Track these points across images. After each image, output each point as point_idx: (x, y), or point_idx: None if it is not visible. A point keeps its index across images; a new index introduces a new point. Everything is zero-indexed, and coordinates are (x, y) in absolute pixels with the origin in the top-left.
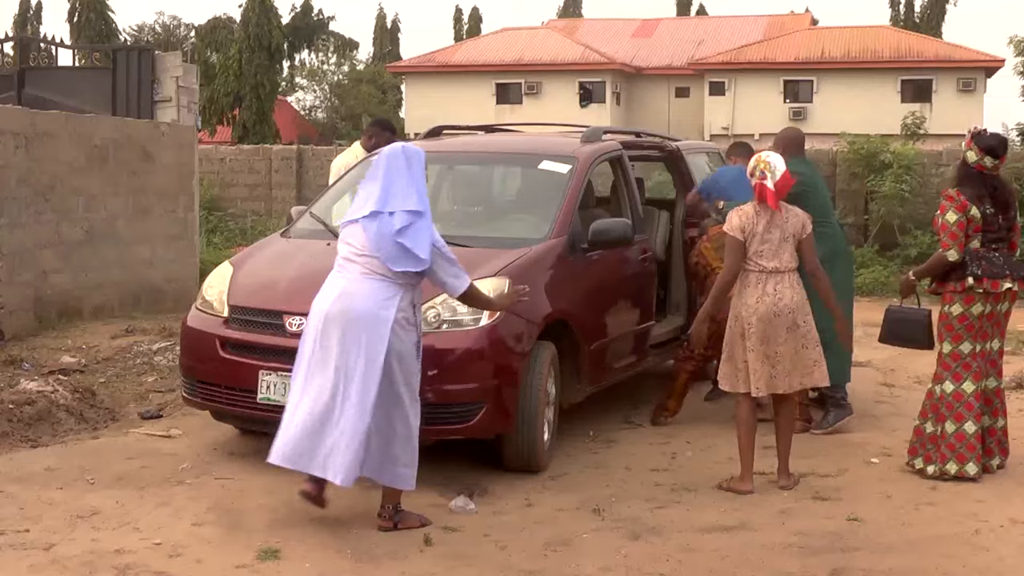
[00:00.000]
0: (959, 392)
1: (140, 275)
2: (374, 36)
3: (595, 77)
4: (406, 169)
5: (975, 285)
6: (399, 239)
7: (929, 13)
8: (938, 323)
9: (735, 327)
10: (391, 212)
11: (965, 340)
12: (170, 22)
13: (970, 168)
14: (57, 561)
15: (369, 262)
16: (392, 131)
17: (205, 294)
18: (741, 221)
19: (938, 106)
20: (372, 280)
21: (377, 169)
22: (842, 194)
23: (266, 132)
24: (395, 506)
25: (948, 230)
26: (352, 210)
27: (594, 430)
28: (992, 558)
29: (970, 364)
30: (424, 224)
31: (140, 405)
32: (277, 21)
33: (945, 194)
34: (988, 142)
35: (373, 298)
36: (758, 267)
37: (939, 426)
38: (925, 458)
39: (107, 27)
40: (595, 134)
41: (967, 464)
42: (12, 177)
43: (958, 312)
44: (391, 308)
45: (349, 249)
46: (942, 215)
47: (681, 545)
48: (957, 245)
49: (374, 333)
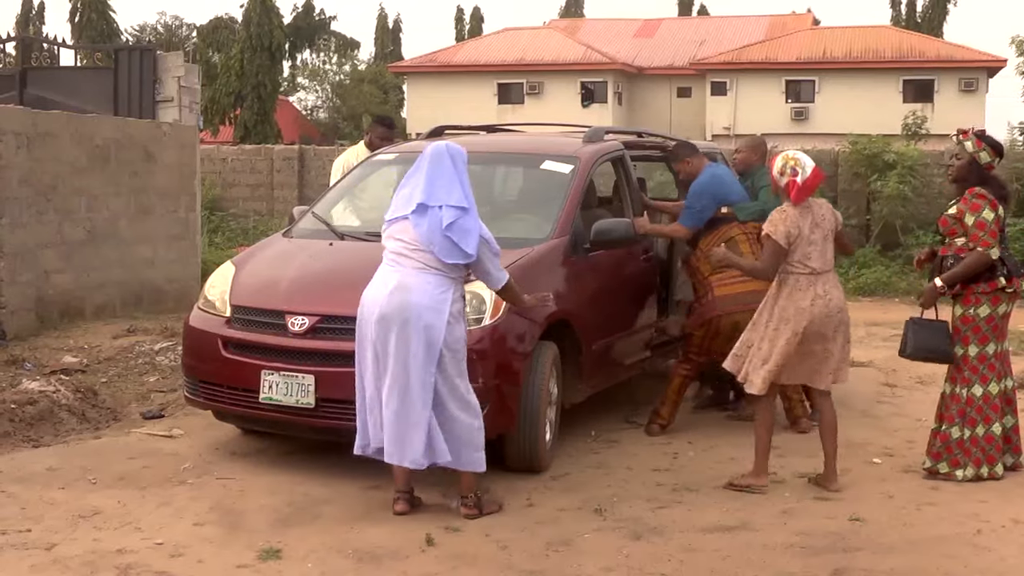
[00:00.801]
0: (987, 394)
1: (142, 275)
2: (375, 36)
3: (597, 77)
4: (451, 165)
5: (1006, 286)
6: (447, 233)
7: (930, 13)
8: (961, 327)
9: (782, 330)
10: (439, 206)
11: (991, 341)
12: (172, 22)
13: (983, 169)
14: (59, 561)
15: (423, 256)
16: (387, 126)
17: (207, 294)
18: (787, 227)
19: (940, 106)
20: (427, 274)
21: (420, 165)
22: (844, 194)
23: (268, 132)
24: (477, 493)
25: (987, 228)
26: (396, 207)
27: (596, 430)
28: (994, 558)
29: (995, 365)
30: (469, 219)
31: (142, 405)
32: (279, 21)
33: (976, 193)
34: (995, 142)
35: (429, 291)
36: (808, 269)
37: (967, 430)
38: (952, 462)
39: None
40: (597, 134)
41: (996, 465)
42: (14, 177)
43: (986, 313)
44: (447, 301)
45: (401, 245)
46: (976, 214)
47: (683, 545)
48: (997, 244)
49: (432, 325)
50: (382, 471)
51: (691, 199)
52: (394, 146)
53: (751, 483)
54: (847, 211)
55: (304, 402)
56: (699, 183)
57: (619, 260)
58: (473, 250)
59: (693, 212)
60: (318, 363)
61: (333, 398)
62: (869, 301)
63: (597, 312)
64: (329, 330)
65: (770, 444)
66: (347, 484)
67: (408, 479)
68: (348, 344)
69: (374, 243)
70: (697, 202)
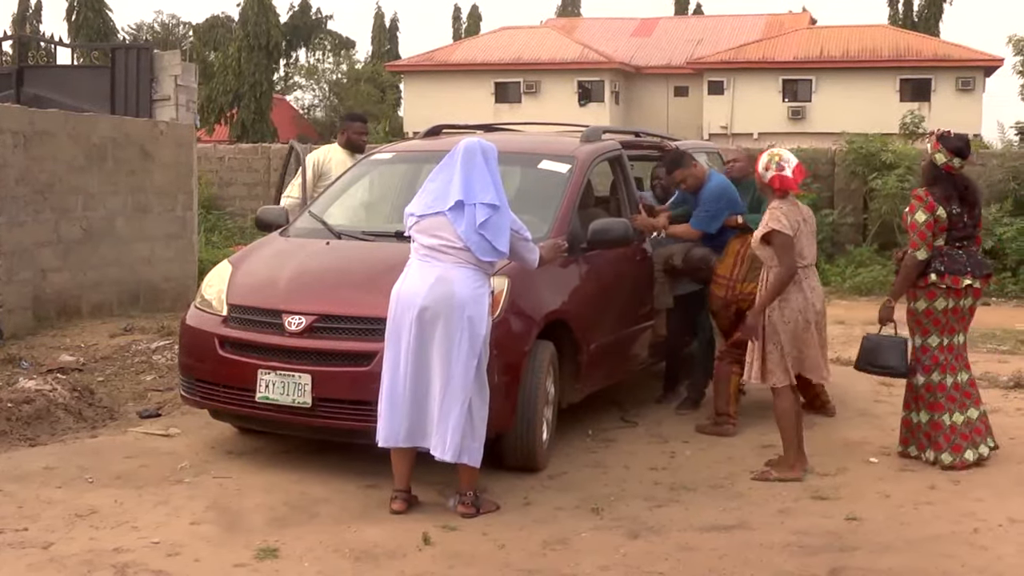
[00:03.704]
0: (929, 383)
1: (139, 274)
2: (372, 34)
3: (594, 76)
4: (483, 163)
5: (937, 281)
6: (481, 231)
7: (926, 12)
8: (906, 318)
9: (790, 323)
10: (474, 204)
11: (932, 334)
12: (168, 21)
13: (939, 169)
14: (56, 560)
15: (462, 253)
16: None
17: (204, 293)
18: (789, 219)
19: (937, 105)
20: (466, 268)
21: (452, 162)
22: (841, 193)
23: (264, 131)
24: (476, 492)
25: (917, 229)
26: (427, 201)
27: (593, 429)
28: (991, 557)
29: (937, 357)
30: (500, 217)
31: (139, 404)
32: (276, 20)
33: (915, 194)
34: (955, 144)
35: (469, 284)
36: (804, 263)
37: (929, 416)
38: (919, 446)
39: (105, 26)
40: (594, 134)
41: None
42: (11, 176)
43: (923, 307)
44: (485, 293)
45: (439, 241)
46: (912, 214)
47: (680, 544)
48: (926, 245)
49: (475, 316)
50: (379, 470)
51: (708, 203)
52: (390, 145)
53: (784, 475)
54: (844, 210)
55: (300, 402)
56: (715, 187)
57: (616, 260)
58: (505, 247)
59: (709, 216)
60: (315, 362)
61: (329, 397)
62: (866, 300)
63: (594, 312)
64: (326, 329)
65: (801, 434)
66: (344, 483)
67: (408, 479)
68: (345, 343)
69: (371, 242)
70: (714, 206)
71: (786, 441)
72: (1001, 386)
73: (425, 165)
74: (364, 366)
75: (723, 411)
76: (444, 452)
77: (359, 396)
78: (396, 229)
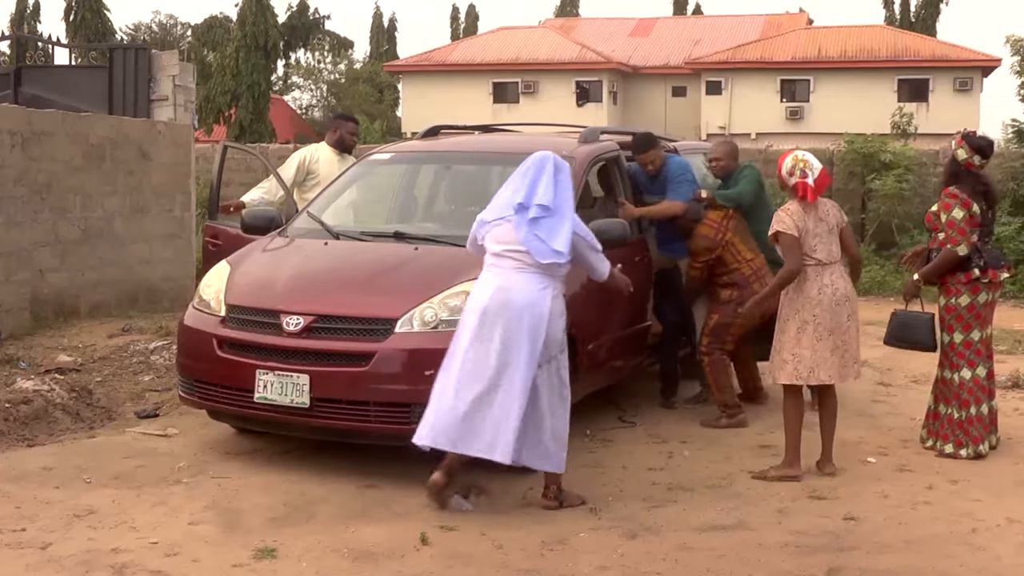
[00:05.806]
0: (976, 377)
1: (137, 274)
2: (371, 35)
3: (592, 76)
4: (552, 172)
5: (980, 276)
6: (534, 230)
7: (923, 12)
8: (945, 316)
9: (793, 320)
10: (530, 206)
11: (975, 328)
12: (166, 21)
13: (959, 165)
14: (54, 560)
15: (522, 256)
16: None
17: (202, 293)
18: (794, 220)
19: (935, 105)
20: (526, 273)
21: (526, 170)
22: (839, 193)
23: (263, 131)
24: (559, 487)
25: (956, 226)
26: (497, 209)
27: (591, 430)
28: (989, 557)
29: (980, 351)
30: (555, 219)
31: (137, 404)
32: (274, 20)
33: (948, 193)
34: (978, 142)
35: (528, 289)
36: (814, 260)
37: (964, 411)
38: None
39: (103, 26)
40: (592, 134)
41: (982, 445)
42: (9, 176)
43: (967, 302)
44: (547, 297)
45: (501, 247)
46: (947, 212)
47: (678, 544)
48: (966, 240)
49: (534, 321)
50: (378, 470)
51: (679, 174)
52: (389, 145)
53: (784, 474)
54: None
55: (299, 402)
56: (678, 161)
57: (614, 261)
58: (563, 248)
59: (685, 184)
60: (313, 363)
61: (328, 398)
62: (864, 301)
63: (592, 313)
64: (324, 330)
65: (800, 435)
66: (343, 483)
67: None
68: (343, 344)
69: (369, 242)
70: (686, 176)
71: (786, 439)
72: (999, 386)
73: (424, 166)
74: (362, 366)
75: (731, 403)
76: (500, 454)
77: (357, 396)
78: (395, 229)
